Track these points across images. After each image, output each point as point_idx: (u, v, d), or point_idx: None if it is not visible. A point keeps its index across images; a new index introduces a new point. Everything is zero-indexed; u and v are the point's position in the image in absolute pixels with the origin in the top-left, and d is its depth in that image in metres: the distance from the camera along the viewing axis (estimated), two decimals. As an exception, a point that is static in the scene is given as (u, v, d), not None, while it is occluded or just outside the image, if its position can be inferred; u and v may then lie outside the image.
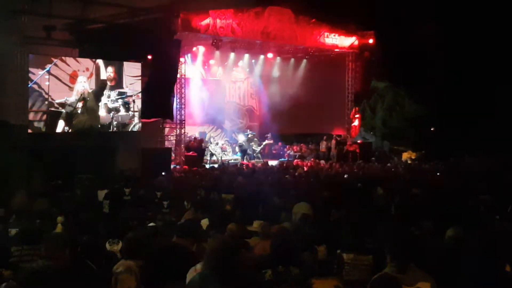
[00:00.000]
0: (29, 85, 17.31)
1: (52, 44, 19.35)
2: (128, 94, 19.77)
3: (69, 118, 18.17)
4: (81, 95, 18.37)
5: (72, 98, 18.22)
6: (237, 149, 25.51)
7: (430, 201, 9.47)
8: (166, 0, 20.25)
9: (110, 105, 19.37)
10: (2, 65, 17.29)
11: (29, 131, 17.35)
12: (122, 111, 19.69)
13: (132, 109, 19.97)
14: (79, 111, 18.40)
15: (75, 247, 5.50)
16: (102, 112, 19.15)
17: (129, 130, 19.97)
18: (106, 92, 19.21)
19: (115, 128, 19.56)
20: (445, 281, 4.72)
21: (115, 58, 19.29)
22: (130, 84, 19.86)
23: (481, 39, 25.23)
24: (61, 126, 18.10)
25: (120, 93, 19.57)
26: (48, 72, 17.72)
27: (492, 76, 24.95)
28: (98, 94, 18.99)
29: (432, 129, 28.41)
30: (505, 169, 16.48)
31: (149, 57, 19.91)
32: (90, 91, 18.71)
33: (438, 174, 17.48)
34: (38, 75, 17.48)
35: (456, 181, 14.22)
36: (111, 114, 19.39)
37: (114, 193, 10.92)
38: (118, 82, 19.56)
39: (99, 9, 20.15)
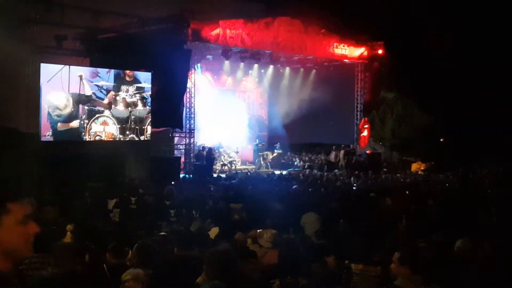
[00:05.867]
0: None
1: (63, 53, 19.52)
2: (145, 89, 19.74)
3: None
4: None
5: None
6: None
7: (440, 212, 9.42)
8: (176, 10, 20.38)
9: (128, 100, 19.30)
10: (14, 74, 17.40)
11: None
12: (140, 106, 19.62)
13: (149, 104, 19.91)
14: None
15: (84, 256, 5.50)
16: (120, 107, 19.12)
17: (145, 126, 19.73)
18: (123, 87, 19.18)
19: (132, 123, 19.43)
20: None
21: (125, 68, 19.35)
22: (147, 78, 19.87)
23: (490, 50, 25.13)
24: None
25: (138, 88, 19.54)
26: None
27: (502, 86, 24.81)
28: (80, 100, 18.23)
29: (441, 139, 28.25)
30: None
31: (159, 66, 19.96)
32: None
33: (448, 185, 17.37)
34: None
35: (467, 192, 14.13)
36: (129, 108, 19.35)
37: (123, 202, 10.93)
38: (135, 77, 19.56)
39: (110, 19, 20.32)
